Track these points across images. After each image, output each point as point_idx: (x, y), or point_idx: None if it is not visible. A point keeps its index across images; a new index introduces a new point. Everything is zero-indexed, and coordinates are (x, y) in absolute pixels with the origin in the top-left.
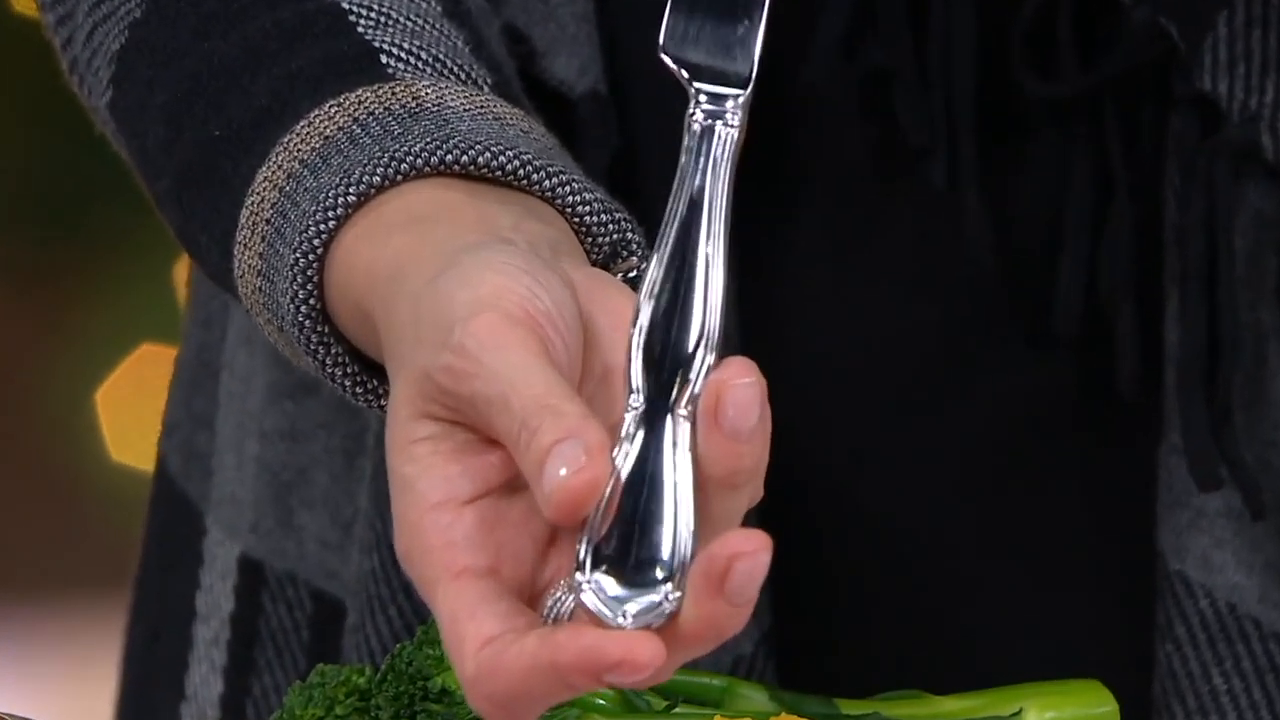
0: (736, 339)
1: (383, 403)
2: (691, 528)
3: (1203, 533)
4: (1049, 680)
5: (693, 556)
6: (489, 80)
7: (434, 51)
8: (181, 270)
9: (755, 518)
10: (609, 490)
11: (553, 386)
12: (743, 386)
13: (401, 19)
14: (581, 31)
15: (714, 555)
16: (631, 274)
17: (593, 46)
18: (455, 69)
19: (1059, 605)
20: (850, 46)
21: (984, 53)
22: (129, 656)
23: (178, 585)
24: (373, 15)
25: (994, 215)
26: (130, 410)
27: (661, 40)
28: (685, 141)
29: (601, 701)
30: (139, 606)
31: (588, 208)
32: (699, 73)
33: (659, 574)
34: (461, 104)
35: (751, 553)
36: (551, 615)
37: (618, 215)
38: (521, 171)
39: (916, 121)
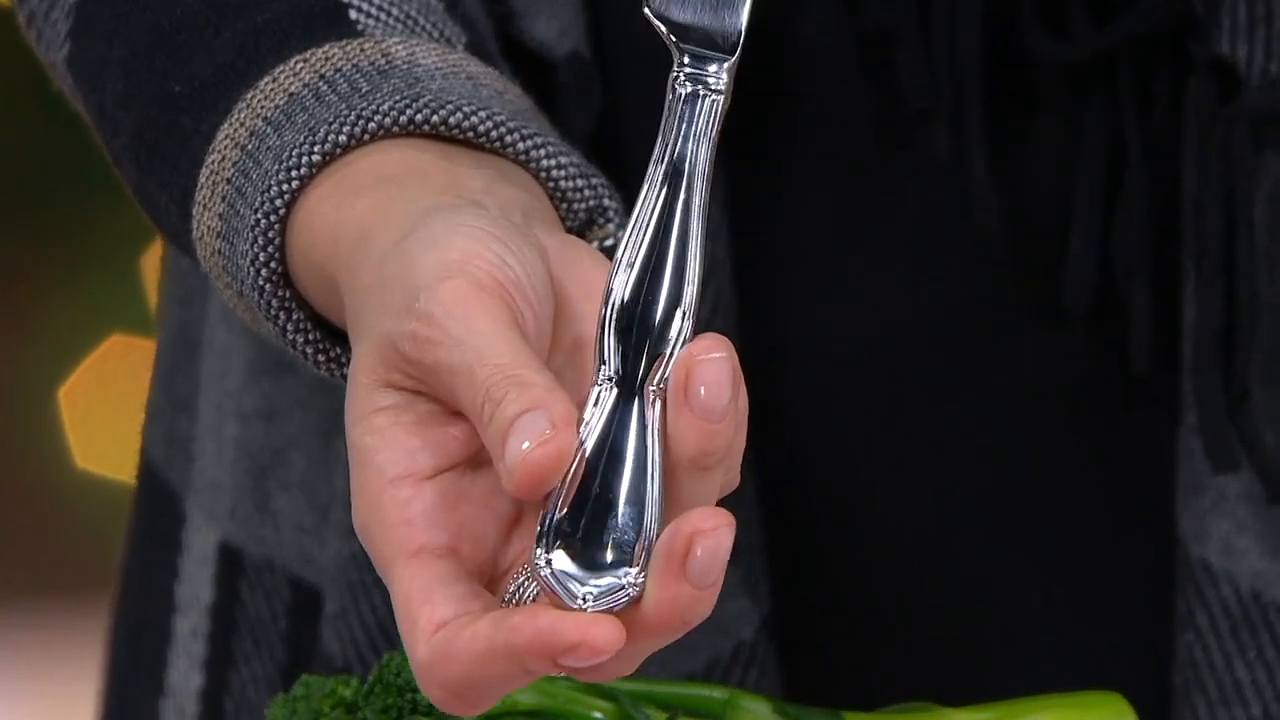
0: (736, 321)
1: (345, 372)
2: (658, 509)
3: (1224, 517)
4: (1067, 691)
5: (658, 536)
6: (463, 39)
7: (405, 8)
8: (151, 259)
9: (756, 505)
10: (573, 466)
11: (519, 357)
12: (713, 362)
13: None
14: None
15: (675, 534)
16: (608, 242)
17: (574, 7)
18: (427, 27)
19: (1074, 594)
20: (850, 2)
21: (991, 12)
22: (110, 656)
23: (158, 577)
24: None
25: (1001, 185)
26: (97, 411)
27: None
28: (667, 105)
29: (599, 716)
30: (121, 606)
31: (563, 172)
32: (685, 33)
33: (622, 556)
34: (433, 62)
35: (712, 530)
36: (512, 600)
37: (594, 181)
38: (495, 133)
39: (919, 83)
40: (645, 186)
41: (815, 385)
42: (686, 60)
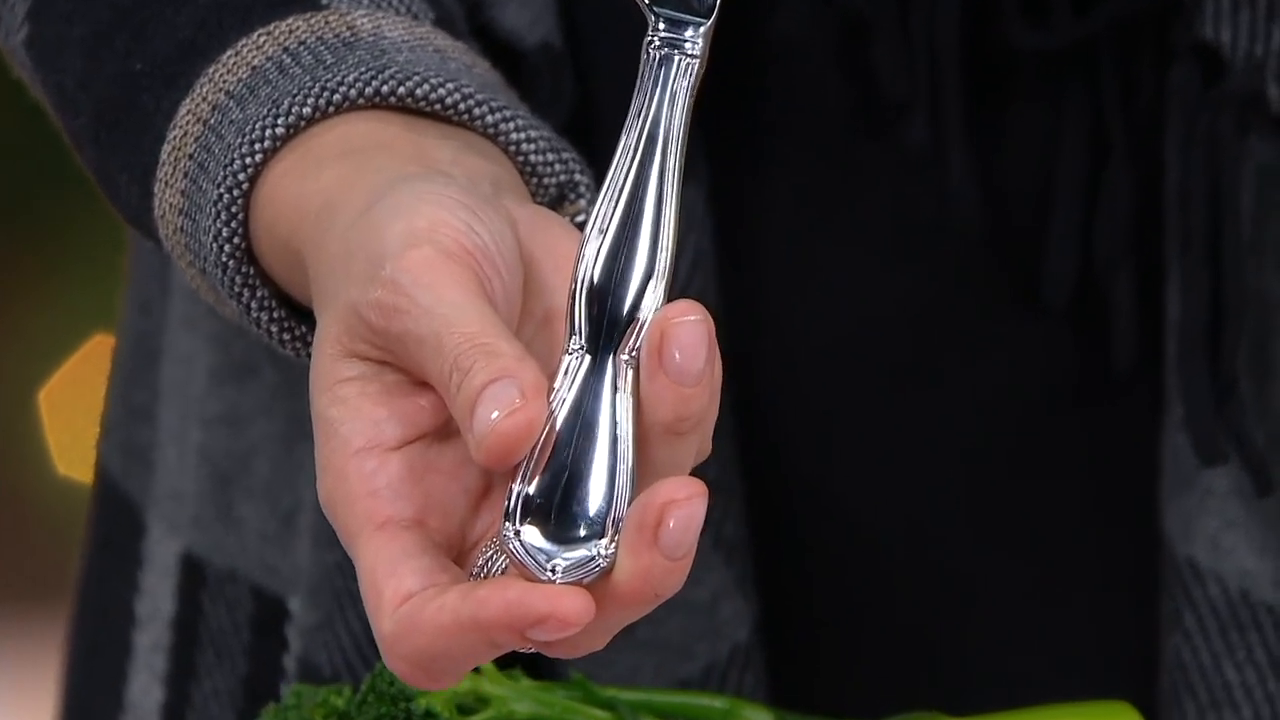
0: (718, 314)
1: (311, 350)
2: (630, 480)
3: (1211, 514)
4: (1071, 700)
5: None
6: (430, 15)
7: None
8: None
9: (739, 500)
10: (543, 436)
11: (488, 326)
12: (688, 325)
13: None
14: None
15: (647, 504)
16: (579, 218)
17: None
18: (394, 2)
19: (1060, 594)
20: None
21: (970, 1)
22: (67, 672)
23: (116, 591)
24: None
25: (980, 177)
26: (77, 415)
27: None
28: (641, 69)
29: None
30: (77, 619)
31: (533, 145)
32: None
33: (592, 528)
34: (400, 35)
35: (686, 499)
36: (480, 574)
37: (565, 155)
38: (463, 105)
39: (896, 74)
40: (619, 152)
41: (796, 378)
42: (661, 25)
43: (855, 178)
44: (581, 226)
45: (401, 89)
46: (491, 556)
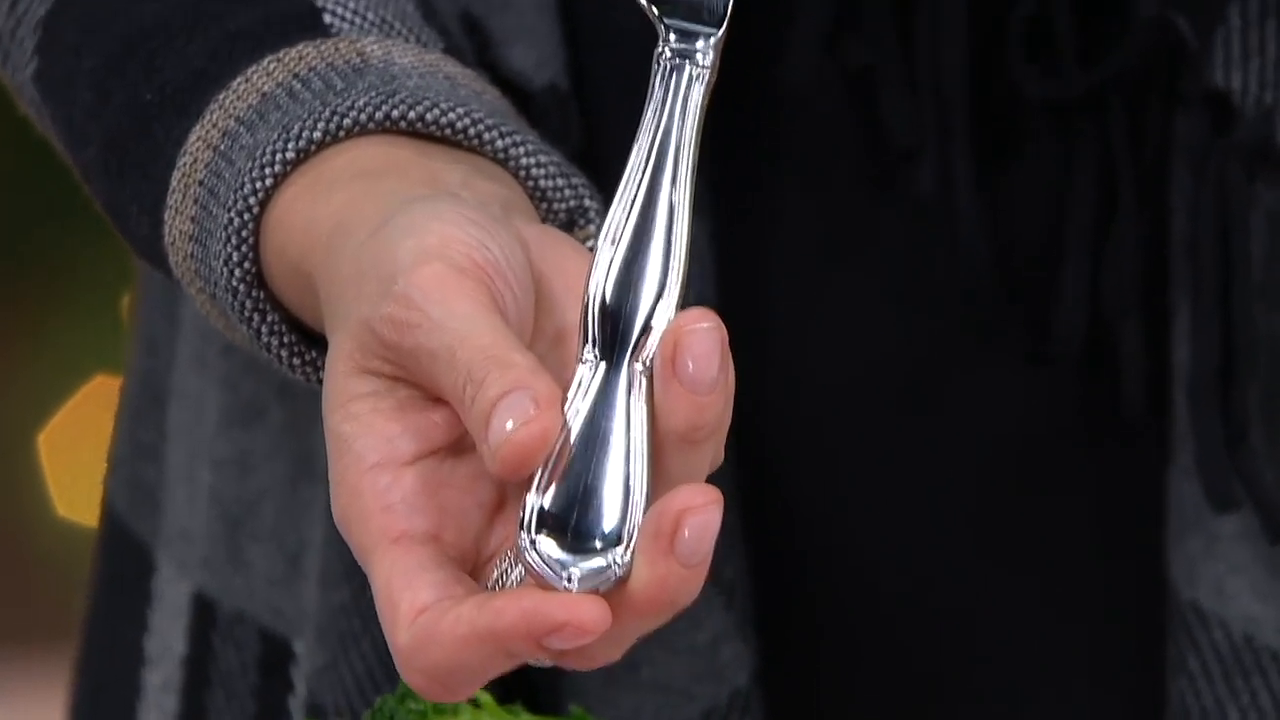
0: None
1: (321, 375)
2: (645, 489)
3: (1217, 558)
4: None
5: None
6: (439, 45)
7: (381, 13)
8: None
9: (740, 542)
10: (558, 446)
11: (501, 339)
12: (701, 332)
13: None
14: (542, 22)
15: (663, 512)
16: (589, 243)
17: (553, 39)
18: (403, 31)
19: (1062, 638)
20: (833, 40)
21: (977, 48)
22: (74, 710)
23: (125, 630)
24: None
25: (989, 222)
26: (78, 456)
27: None
28: (652, 81)
29: None
30: (84, 658)
31: (543, 170)
32: (670, 8)
33: (608, 536)
34: (410, 61)
35: (702, 506)
36: (496, 588)
37: (575, 180)
38: (473, 130)
39: (903, 122)
40: (630, 163)
41: (799, 422)
42: (672, 36)
43: (862, 224)
44: (593, 250)
45: (412, 113)
46: (506, 570)
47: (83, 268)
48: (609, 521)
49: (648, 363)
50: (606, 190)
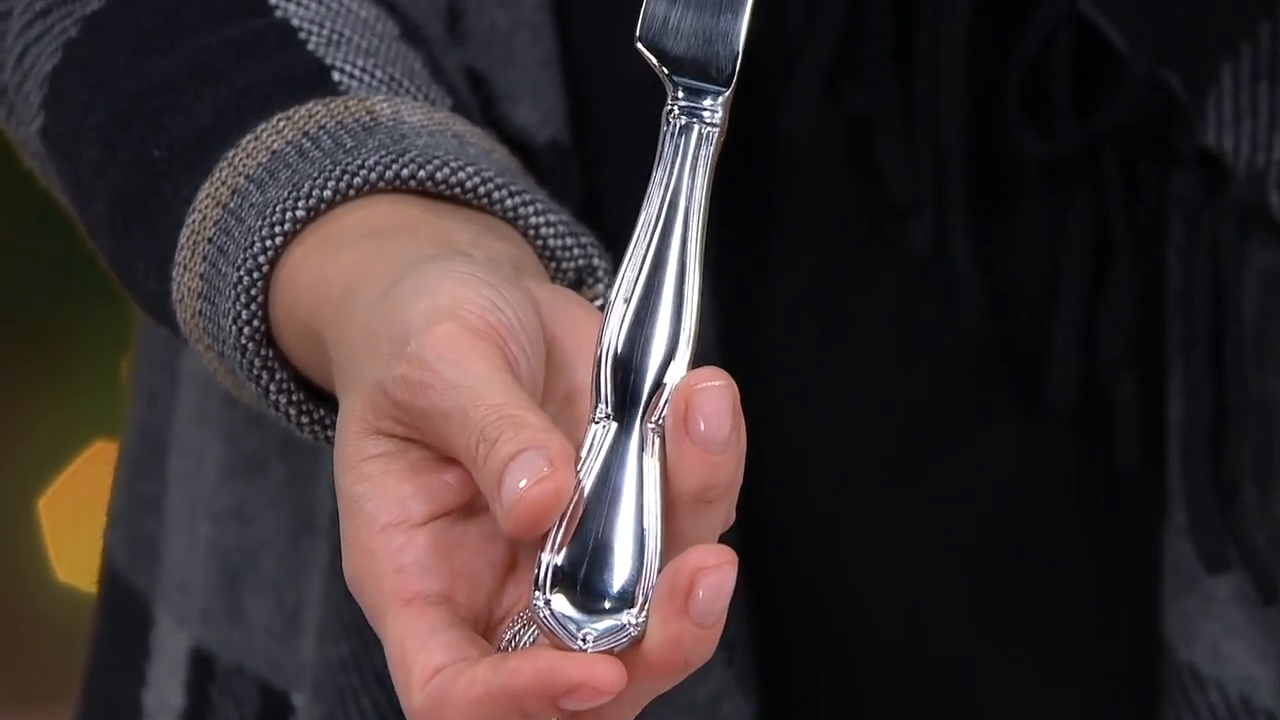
0: None
1: (329, 434)
2: (659, 548)
3: (1212, 619)
4: None
5: (659, 575)
6: (447, 103)
7: (389, 70)
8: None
9: (741, 598)
10: (571, 505)
11: (514, 398)
12: (713, 391)
13: (355, 38)
14: (544, 77)
15: (678, 571)
16: (598, 303)
17: (556, 94)
18: (411, 89)
19: (1060, 697)
20: (832, 91)
21: (974, 103)
22: None
23: (123, 684)
24: (324, 33)
25: (984, 276)
26: (79, 522)
27: (639, 30)
28: (661, 140)
29: None
30: (83, 712)
31: (552, 230)
32: (678, 65)
33: (622, 596)
34: (419, 120)
35: (717, 566)
36: (509, 648)
37: (584, 240)
38: (482, 189)
39: (901, 174)
40: (640, 221)
41: (798, 474)
42: (680, 94)
43: (859, 277)
44: (602, 309)
45: (422, 172)
46: (519, 631)
47: (82, 333)
48: (623, 581)
49: (660, 421)
50: (612, 246)
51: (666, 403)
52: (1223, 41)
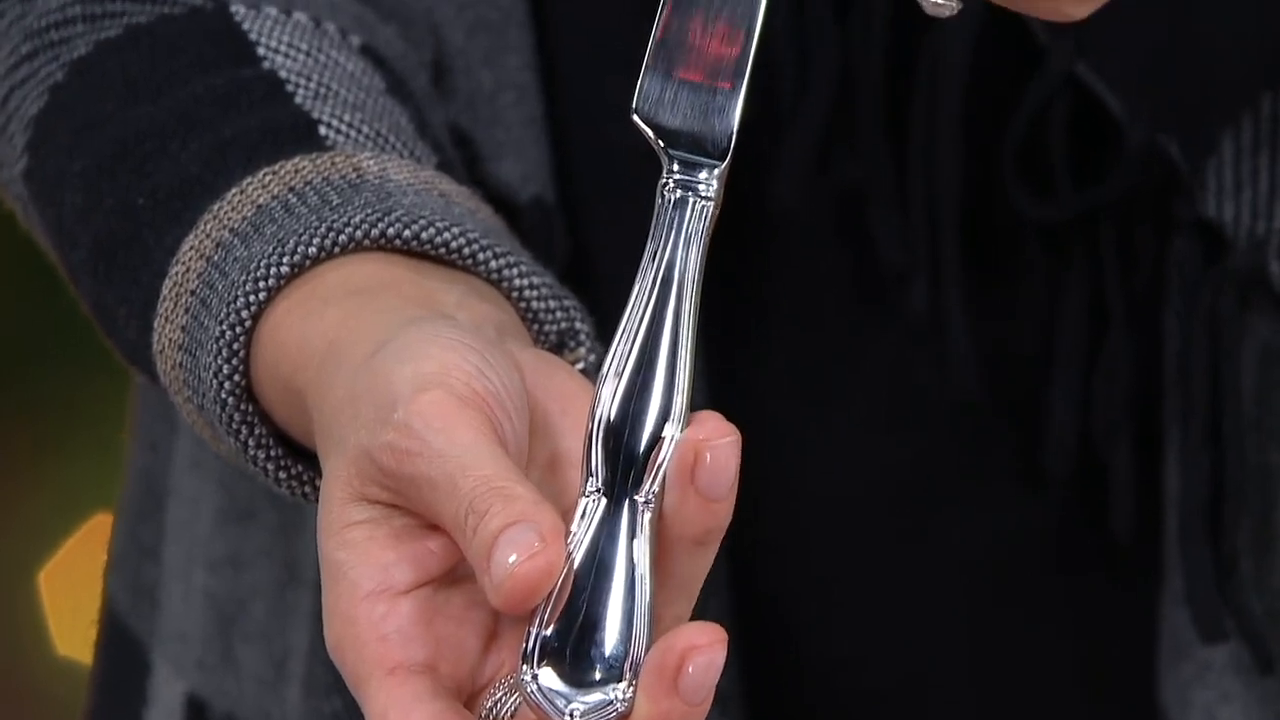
0: None
1: (307, 490)
2: (647, 623)
3: (1208, 687)
4: None
5: (648, 652)
6: (433, 160)
7: (376, 126)
8: None
9: (735, 656)
10: (560, 579)
11: (503, 469)
12: (724, 446)
13: (342, 92)
14: (528, 136)
15: (668, 649)
16: (579, 366)
17: (540, 152)
18: (398, 145)
19: None
20: (824, 160)
21: (969, 169)
22: None
23: None
24: (311, 86)
25: (980, 344)
26: (78, 594)
27: (635, 101)
28: (656, 211)
29: None
30: None
31: (535, 292)
32: (674, 139)
33: (610, 671)
34: (405, 178)
35: (707, 645)
36: (490, 716)
37: (567, 303)
38: (467, 250)
39: (894, 242)
40: (634, 294)
41: (792, 538)
42: (676, 167)
43: (854, 344)
44: (584, 373)
45: (407, 232)
46: (501, 699)
47: (82, 405)
48: (611, 656)
49: (650, 498)
50: (598, 304)
51: (658, 477)
52: (1224, 111)
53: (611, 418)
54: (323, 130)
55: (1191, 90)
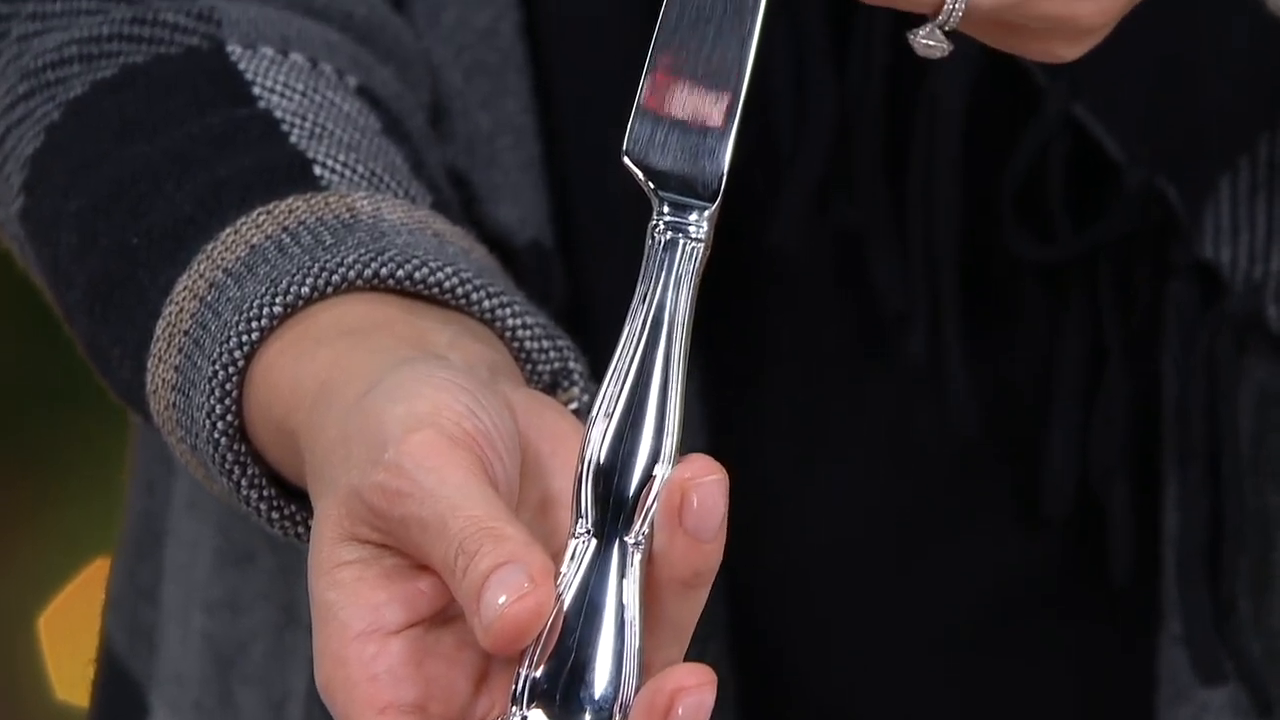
0: None
1: (300, 530)
2: (636, 664)
3: None
4: None
5: (637, 692)
6: (428, 199)
7: (371, 166)
8: None
9: (732, 696)
10: (550, 620)
11: (493, 510)
12: (710, 485)
13: (338, 132)
14: (525, 179)
15: (657, 690)
16: (572, 405)
17: (537, 194)
18: (393, 186)
19: None
20: (823, 202)
21: (967, 210)
22: None
23: None
24: (307, 126)
25: (979, 386)
26: (77, 640)
27: (625, 143)
28: (646, 253)
29: None
30: None
31: (528, 332)
32: (664, 180)
33: (600, 712)
34: (399, 218)
35: (696, 686)
36: None
37: (560, 343)
38: (460, 290)
39: (893, 285)
40: (624, 336)
41: (790, 579)
42: (666, 208)
43: (852, 385)
44: (575, 414)
45: (400, 271)
46: None
47: (81, 451)
48: (601, 698)
49: (639, 539)
50: (596, 346)
51: (648, 519)
52: (1221, 155)
53: (601, 459)
54: (317, 170)
55: (1189, 134)
